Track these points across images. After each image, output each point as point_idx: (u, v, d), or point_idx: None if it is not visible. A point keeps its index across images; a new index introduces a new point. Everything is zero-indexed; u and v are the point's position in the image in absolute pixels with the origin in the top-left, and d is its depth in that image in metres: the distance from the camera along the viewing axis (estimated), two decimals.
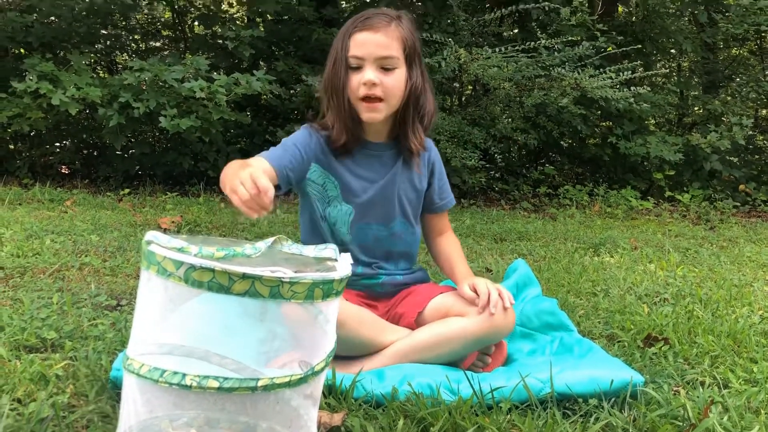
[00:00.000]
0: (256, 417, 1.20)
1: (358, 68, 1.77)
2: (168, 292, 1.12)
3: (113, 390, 1.55)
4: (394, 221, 1.93)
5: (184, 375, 1.11)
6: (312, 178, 1.86)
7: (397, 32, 1.78)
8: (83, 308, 2.24)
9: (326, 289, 1.15)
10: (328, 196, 1.88)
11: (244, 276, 1.08)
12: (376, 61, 1.76)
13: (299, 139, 1.84)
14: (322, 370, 1.22)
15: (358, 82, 1.76)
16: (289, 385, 1.16)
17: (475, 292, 1.81)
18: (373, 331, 1.77)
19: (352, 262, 1.29)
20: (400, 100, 1.82)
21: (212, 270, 1.07)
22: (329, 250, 1.36)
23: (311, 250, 1.37)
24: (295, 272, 1.15)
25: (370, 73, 1.75)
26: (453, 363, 1.81)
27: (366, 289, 1.94)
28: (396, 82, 1.79)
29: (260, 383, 1.14)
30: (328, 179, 1.87)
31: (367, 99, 1.78)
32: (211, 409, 1.19)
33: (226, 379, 1.12)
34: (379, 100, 1.78)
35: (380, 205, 1.91)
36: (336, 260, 1.32)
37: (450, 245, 2.05)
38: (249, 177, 1.37)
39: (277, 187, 1.68)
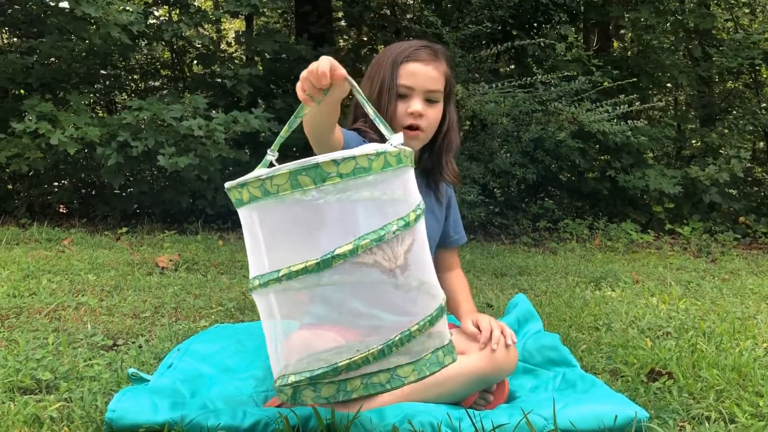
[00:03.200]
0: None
1: (405, 97, 1.82)
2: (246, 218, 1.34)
3: None
4: None
5: (278, 271, 1.29)
6: None
7: (442, 67, 1.86)
8: (79, 348, 2.21)
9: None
10: None
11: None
12: (425, 93, 1.82)
13: (354, 137, 1.83)
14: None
15: (404, 111, 1.81)
16: (352, 253, 1.27)
17: (478, 328, 1.78)
18: None
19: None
20: (433, 132, 1.88)
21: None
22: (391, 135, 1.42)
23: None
24: None
25: (418, 104, 1.80)
26: (454, 402, 1.77)
27: None
28: (437, 115, 1.86)
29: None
30: None
31: (409, 127, 1.82)
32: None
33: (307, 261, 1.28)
34: (420, 129, 1.83)
35: None
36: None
37: (457, 281, 2.05)
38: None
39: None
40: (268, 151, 1.43)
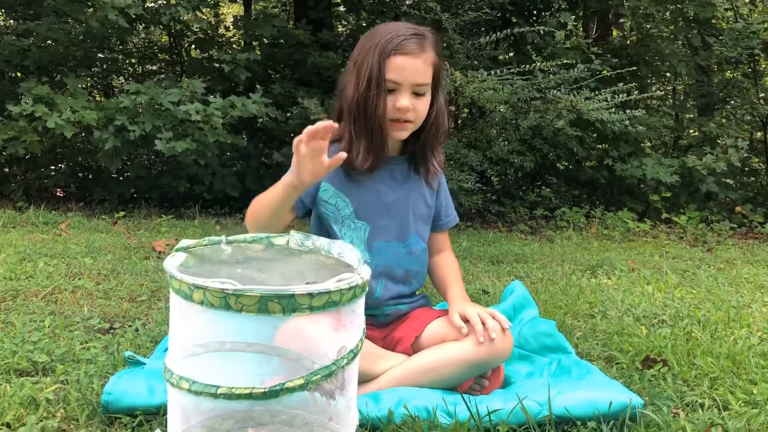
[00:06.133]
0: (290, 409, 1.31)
1: (392, 91, 1.78)
2: (182, 307, 1.24)
3: (104, 414, 1.53)
4: (410, 237, 1.93)
5: (216, 387, 1.19)
6: (324, 197, 1.84)
7: (430, 57, 1.80)
8: (75, 331, 2.22)
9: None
10: (341, 216, 1.85)
11: (233, 293, 1.16)
12: (412, 87, 1.78)
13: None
14: (329, 374, 1.27)
15: (392, 106, 1.78)
16: (302, 388, 1.22)
17: (466, 321, 1.77)
18: (368, 362, 1.73)
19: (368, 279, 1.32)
20: (422, 121, 1.85)
21: (204, 288, 1.17)
22: (353, 254, 1.39)
23: (337, 247, 1.42)
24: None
25: (405, 100, 1.77)
26: (450, 387, 1.78)
27: (368, 317, 1.90)
28: (425, 106, 1.83)
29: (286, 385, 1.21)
30: (340, 198, 1.85)
31: (396, 120, 1.80)
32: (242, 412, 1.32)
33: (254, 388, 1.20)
34: (408, 121, 1.81)
35: (396, 220, 1.90)
36: (354, 270, 1.34)
37: (447, 264, 2.04)
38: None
39: (290, 211, 1.77)
40: (224, 237, 1.41)
